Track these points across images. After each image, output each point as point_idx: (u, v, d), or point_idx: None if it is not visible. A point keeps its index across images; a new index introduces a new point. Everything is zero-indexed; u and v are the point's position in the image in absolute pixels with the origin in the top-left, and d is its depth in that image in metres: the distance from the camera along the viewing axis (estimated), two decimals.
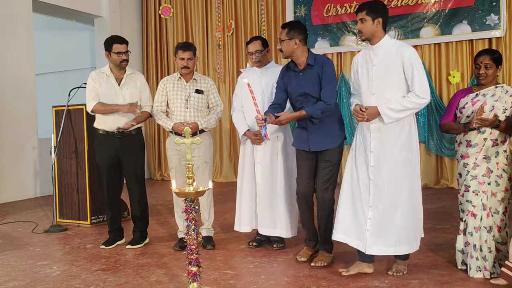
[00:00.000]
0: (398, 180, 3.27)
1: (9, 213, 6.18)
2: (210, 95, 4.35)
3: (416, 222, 3.34)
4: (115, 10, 8.91)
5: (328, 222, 3.66)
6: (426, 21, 7.35)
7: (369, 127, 3.31)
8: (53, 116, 5.52)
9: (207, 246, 4.19)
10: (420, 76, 3.19)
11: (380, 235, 3.26)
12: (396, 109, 3.19)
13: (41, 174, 7.51)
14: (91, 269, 3.73)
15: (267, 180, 4.07)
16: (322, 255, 3.69)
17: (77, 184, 5.34)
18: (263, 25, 8.52)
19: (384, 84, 3.27)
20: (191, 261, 2.94)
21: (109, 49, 4.24)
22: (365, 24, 3.29)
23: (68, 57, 10.28)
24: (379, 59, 3.29)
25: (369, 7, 3.30)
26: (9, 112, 7.13)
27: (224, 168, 8.88)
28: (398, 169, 3.26)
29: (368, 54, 3.38)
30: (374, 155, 3.29)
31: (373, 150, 3.30)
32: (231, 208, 5.72)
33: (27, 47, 7.48)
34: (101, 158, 4.33)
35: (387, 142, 3.28)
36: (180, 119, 4.20)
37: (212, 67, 9.00)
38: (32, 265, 3.88)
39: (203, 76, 4.47)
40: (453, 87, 7.23)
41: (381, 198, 3.27)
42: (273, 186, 4.07)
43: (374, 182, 3.29)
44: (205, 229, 4.31)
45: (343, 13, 7.87)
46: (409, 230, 3.30)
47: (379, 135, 3.29)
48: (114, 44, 4.22)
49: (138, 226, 4.39)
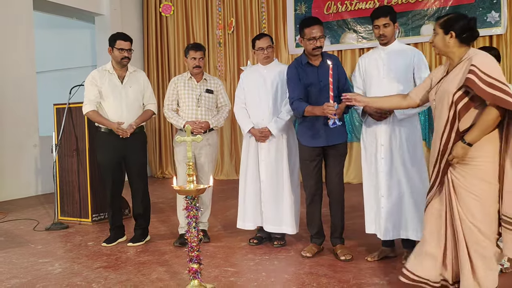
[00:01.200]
0: (406, 171, 3.52)
1: (10, 211, 6.20)
2: (219, 95, 4.44)
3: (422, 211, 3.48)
4: (115, 8, 8.91)
5: (343, 215, 3.83)
6: (426, 18, 7.35)
7: (380, 122, 3.56)
8: (54, 114, 5.53)
9: (203, 239, 4.21)
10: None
11: (393, 222, 3.56)
12: None
13: (42, 172, 7.53)
14: (92, 266, 3.75)
15: (272, 177, 4.09)
16: (343, 248, 3.79)
17: (78, 182, 5.35)
18: (264, 23, 8.52)
19: (394, 82, 3.53)
20: (192, 258, 2.95)
21: (112, 44, 4.23)
22: (388, 28, 3.53)
23: (69, 55, 10.28)
24: (390, 59, 3.57)
25: (391, 13, 3.54)
26: (10, 110, 7.15)
27: (225, 166, 8.89)
28: (406, 160, 3.52)
29: (379, 54, 3.64)
30: (384, 148, 3.56)
31: (383, 143, 3.56)
32: (232, 206, 5.74)
33: (27, 45, 7.49)
34: (104, 156, 4.28)
35: (397, 136, 3.54)
36: (191, 117, 4.26)
37: (213, 65, 9.00)
38: (33, 262, 3.90)
39: (212, 76, 4.55)
40: None
41: (391, 187, 3.55)
42: (278, 184, 4.08)
43: (385, 173, 3.56)
44: (201, 223, 4.34)
45: (343, 11, 7.87)
46: (420, 218, 3.44)
47: (390, 129, 3.55)
48: (118, 40, 4.21)
49: (140, 224, 4.40)
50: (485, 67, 2.47)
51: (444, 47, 2.68)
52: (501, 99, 2.40)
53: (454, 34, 2.61)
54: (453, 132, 2.57)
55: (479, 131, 2.48)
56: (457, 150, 2.53)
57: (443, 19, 2.68)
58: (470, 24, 2.63)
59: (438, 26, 2.68)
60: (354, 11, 7.79)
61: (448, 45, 2.65)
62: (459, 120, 2.54)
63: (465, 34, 2.61)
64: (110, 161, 4.26)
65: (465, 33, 2.61)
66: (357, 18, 7.79)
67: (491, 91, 2.42)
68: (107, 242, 4.33)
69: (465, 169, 2.56)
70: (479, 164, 2.53)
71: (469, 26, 2.62)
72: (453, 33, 2.61)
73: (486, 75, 2.44)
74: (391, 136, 3.55)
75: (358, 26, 7.76)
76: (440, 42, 2.68)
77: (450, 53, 2.68)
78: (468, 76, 2.47)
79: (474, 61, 2.51)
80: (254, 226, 4.24)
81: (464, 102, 2.52)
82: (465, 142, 2.50)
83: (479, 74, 2.45)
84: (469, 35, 2.63)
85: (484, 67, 2.47)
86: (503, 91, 2.41)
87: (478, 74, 2.45)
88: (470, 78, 2.46)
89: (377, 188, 3.62)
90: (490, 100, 2.44)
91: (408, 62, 3.55)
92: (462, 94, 2.53)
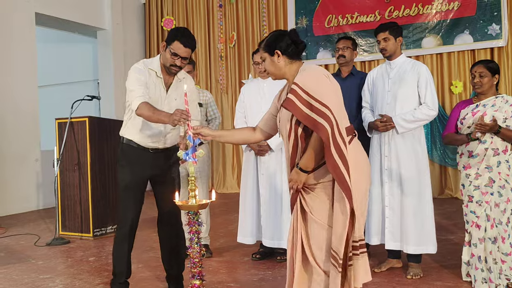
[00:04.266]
0: (409, 183, 3.55)
1: (11, 225, 6.17)
2: (209, 107, 4.41)
3: (426, 226, 3.54)
4: (118, 22, 8.97)
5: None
6: (428, 31, 7.38)
7: (384, 134, 3.63)
8: (56, 128, 5.52)
9: (205, 254, 4.16)
10: (432, 91, 3.58)
11: (395, 232, 3.60)
12: (409, 119, 3.53)
13: (43, 186, 7.50)
14: (93, 282, 3.71)
15: (271, 191, 4.06)
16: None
17: (79, 196, 5.32)
18: (265, 36, 8.54)
19: (398, 95, 3.61)
20: (194, 275, 2.91)
21: (169, 42, 3.06)
22: (388, 42, 3.65)
23: (71, 69, 10.32)
24: (396, 73, 3.66)
25: (391, 27, 3.67)
26: (12, 124, 7.15)
27: (227, 179, 8.86)
28: (409, 173, 3.55)
29: (385, 69, 3.75)
30: (387, 159, 3.62)
31: (387, 154, 3.63)
32: (234, 220, 5.70)
33: (30, 59, 7.52)
34: (132, 176, 3.16)
35: (400, 147, 3.59)
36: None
37: (215, 78, 9.02)
38: (34, 278, 3.86)
39: (201, 89, 4.51)
40: (455, 97, 7.23)
41: (394, 198, 3.60)
42: (277, 198, 4.05)
43: (388, 184, 3.62)
44: (202, 238, 4.29)
45: (344, 24, 7.90)
46: (419, 232, 3.52)
47: (393, 141, 3.60)
48: (176, 41, 3.02)
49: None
50: (307, 84, 2.27)
51: (277, 69, 2.47)
52: (313, 120, 2.22)
53: (280, 52, 2.43)
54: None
55: (308, 155, 2.33)
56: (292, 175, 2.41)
57: (264, 43, 2.50)
58: (292, 37, 2.46)
59: (263, 51, 2.50)
60: (355, 24, 7.82)
61: (280, 66, 2.45)
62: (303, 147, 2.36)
63: (291, 48, 2.43)
64: (138, 183, 3.21)
65: (290, 47, 2.43)
66: (358, 31, 7.81)
67: (307, 111, 2.23)
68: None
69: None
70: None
71: (292, 39, 2.45)
72: (278, 52, 2.43)
73: (307, 93, 2.25)
74: (395, 147, 3.61)
75: (359, 39, 7.78)
76: (271, 66, 2.48)
77: (284, 74, 2.48)
78: (288, 97, 2.28)
79: (297, 79, 2.33)
80: (253, 241, 4.20)
81: (300, 129, 2.34)
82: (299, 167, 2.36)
83: (299, 94, 2.25)
84: (294, 49, 2.45)
85: (305, 85, 2.27)
86: (317, 111, 2.22)
87: (299, 93, 2.25)
88: (290, 98, 2.26)
89: (382, 199, 3.66)
90: (307, 124, 2.26)
91: (412, 75, 3.60)
92: (297, 121, 2.32)
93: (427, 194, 3.58)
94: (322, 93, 2.26)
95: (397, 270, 3.71)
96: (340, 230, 2.30)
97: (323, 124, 2.19)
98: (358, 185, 2.34)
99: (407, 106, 3.57)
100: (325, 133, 2.19)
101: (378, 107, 3.70)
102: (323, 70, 2.47)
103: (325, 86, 2.30)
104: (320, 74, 2.36)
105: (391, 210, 3.62)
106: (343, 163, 2.22)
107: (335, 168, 2.21)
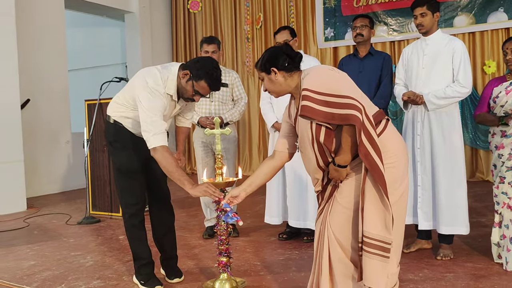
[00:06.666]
0: (442, 163, 3.49)
1: (43, 205, 6.33)
2: (235, 87, 4.36)
3: (459, 206, 3.48)
4: (144, 5, 9.00)
5: None
6: (460, 9, 7.15)
7: (417, 112, 3.59)
8: (86, 110, 5.61)
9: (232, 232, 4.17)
10: (466, 68, 3.47)
11: (428, 212, 3.56)
12: (439, 96, 3.45)
13: (74, 167, 7.66)
14: (123, 259, 3.78)
15: (296, 172, 4.04)
16: None
17: (109, 176, 5.41)
18: (292, 17, 8.45)
19: (432, 72, 3.53)
20: (221, 252, 2.94)
21: (195, 77, 2.91)
22: (426, 18, 3.54)
23: (100, 53, 10.43)
24: (431, 49, 3.57)
25: (428, 2, 3.53)
26: (43, 108, 7.29)
27: (254, 161, 8.87)
28: (443, 152, 3.49)
29: (420, 45, 3.66)
30: (420, 138, 3.57)
31: (419, 133, 3.58)
32: (261, 201, 5.71)
33: (59, 43, 7.62)
34: (132, 159, 3.10)
35: (434, 126, 3.53)
36: (205, 112, 4.24)
37: (241, 61, 8.99)
38: (66, 255, 3.96)
39: (227, 69, 4.46)
40: (488, 77, 7.01)
41: (427, 178, 3.55)
42: (302, 179, 4.03)
43: (421, 163, 3.57)
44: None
45: (373, 3, 7.72)
46: (452, 212, 3.46)
47: (426, 119, 3.55)
48: (204, 82, 2.91)
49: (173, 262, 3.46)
50: (316, 85, 2.16)
51: (276, 86, 2.37)
52: (340, 115, 2.10)
53: (276, 69, 2.32)
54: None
55: (345, 151, 2.21)
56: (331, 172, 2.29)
57: (259, 64, 2.39)
58: (286, 52, 2.35)
59: (260, 72, 2.39)
60: (384, 3, 7.64)
61: (279, 82, 2.35)
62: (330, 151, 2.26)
63: (286, 62, 2.32)
64: (139, 165, 3.14)
65: (285, 62, 2.32)
66: (388, 11, 7.63)
67: (328, 110, 2.11)
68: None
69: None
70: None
71: (286, 53, 2.34)
72: (274, 69, 2.32)
73: (320, 93, 2.13)
74: (428, 126, 3.55)
75: (389, 18, 7.60)
76: (270, 84, 2.37)
77: (286, 88, 2.38)
78: (302, 104, 2.15)
79: (304, 84, 2.21)
80: (280, 221, 4.21)
81: (323, 133, 2.23)
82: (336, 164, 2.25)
83: (313, 97, 2.14)
84: (290, 62, 2.34)
85: (315, 86, 2.16)
86: (340, 105, 2.10)
87: (312, 97, 2.14)
88: (305, 105, 2.14)
89: (414, 178, 3.61)
90: (336, 122, 2.14)
91: (448, 51, 3.50)
92: (317, 126, 2.22)
93: (461, 174, 3.49)
94: (336, 86, 2.16)
95: (426, 251, 3.67)
96: (373, 215, 2.19)
97: (351, 114, 2.09)
98: (394, 185, 2.23)
99: (442, 83, 3.48)
100: (358, 120, 2.09)
101: (413, 84, 3.63)
102: (326, 65, 2.41)
103: (336, 79, 2.22)
104: (325, 70, 2.29)
105: (423, 190, 3.57)
106: (374, 149, 2.12)
107: (366, 155, 2.12)
